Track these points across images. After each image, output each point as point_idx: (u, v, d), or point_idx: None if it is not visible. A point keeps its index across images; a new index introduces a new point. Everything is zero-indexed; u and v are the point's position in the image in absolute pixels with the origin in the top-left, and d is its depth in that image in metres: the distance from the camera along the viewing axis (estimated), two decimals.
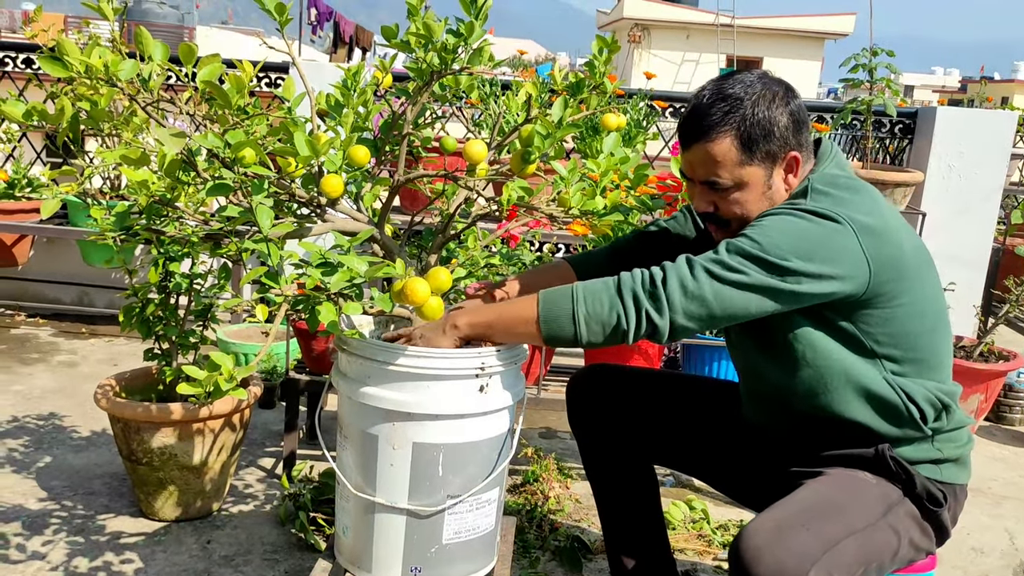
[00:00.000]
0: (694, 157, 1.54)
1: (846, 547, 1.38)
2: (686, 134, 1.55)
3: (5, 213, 3.77)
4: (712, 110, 1.51)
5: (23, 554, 2.15)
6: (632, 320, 1.45)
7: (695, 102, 1.55)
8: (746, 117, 1.49)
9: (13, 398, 3.16)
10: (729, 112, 1.49)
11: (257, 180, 1.52)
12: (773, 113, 1.50)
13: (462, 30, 1.62)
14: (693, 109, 1.54)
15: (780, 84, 1.55)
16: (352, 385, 1.66)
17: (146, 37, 1.54)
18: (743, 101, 1.50)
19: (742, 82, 1.52)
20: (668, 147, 3.92)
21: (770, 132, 1.50)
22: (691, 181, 1.59)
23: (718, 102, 1.51)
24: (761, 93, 1.51)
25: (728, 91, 1.51)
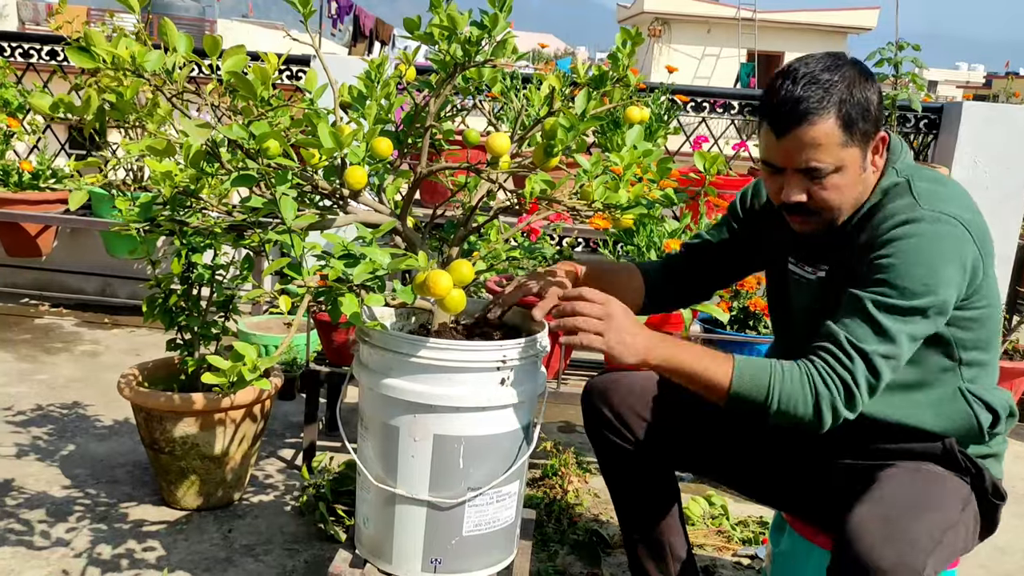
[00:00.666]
0: (791, 144, 1.48)
1: (947, 540, 1.40)
2: (782, 120, 1.47)
3: (30, 204, 3.81)
4: (808, 93, 1.45)
5: (47, 541, 2.17)
6: (828, 425, 1.45)
7: (786, 89, 1.47)
8: (844, 98, 1.45)
9: (37, 387, 3.20)
10: (827, 93, 1.45)
11: (281, 171, 1.52)
12: (867, 92, 1.47)
13: (486, 22, 1.61)
14: (785, 96, 1.47)
15: (862, 65, 1.52)
16: (374, 377, 1.67)
17: (171, 29, 1.55)
18: (837, 83, 1.46)
19: (827, 65, 1.48)
20: (689, 141, 3.90)
21: (867, 111, 1.47)
22: (779, 171, 1.53)
23: (810, 85, 1.45)
24: (852, 75, 1.47)
25: (819, 74, 1.46)
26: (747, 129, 4.62)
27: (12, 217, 3.83)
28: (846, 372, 1.43)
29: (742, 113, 3.99)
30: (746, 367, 1.47)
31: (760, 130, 1.53)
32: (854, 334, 1.43)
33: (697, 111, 4.05)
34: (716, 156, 1.90)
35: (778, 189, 1.55)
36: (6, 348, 3.60)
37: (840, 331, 1.44)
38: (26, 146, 4.29)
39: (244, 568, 2.12)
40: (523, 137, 1.85)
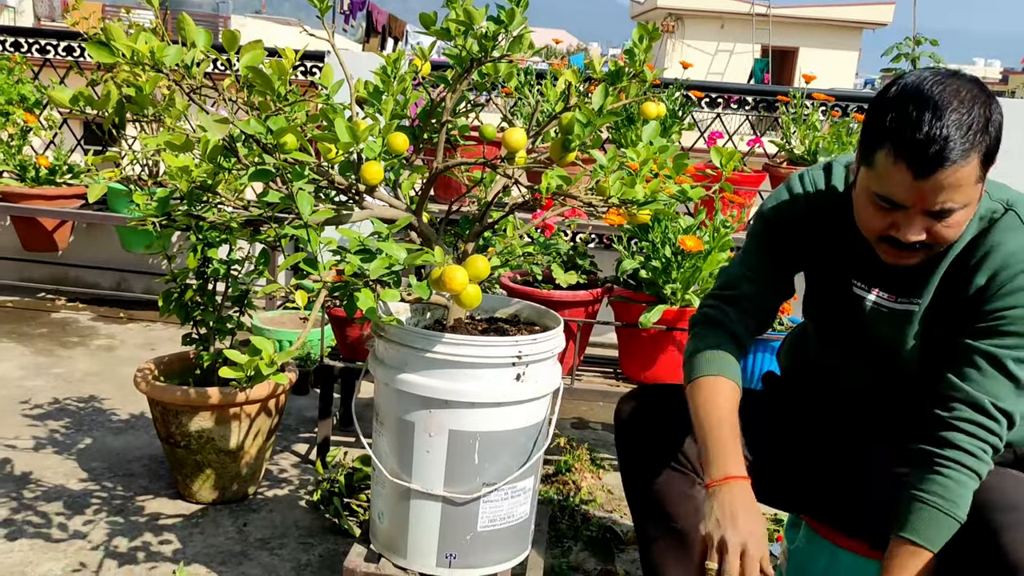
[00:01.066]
0: (931, 185, 1.28)
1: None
2: (927, 162, 1.27)
3: (46, 199, 3.83)
4: (957, 132, 1.26)
5: (64, 533, 2.19)
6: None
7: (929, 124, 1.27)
8: (988, 134, 1.29)
9: (54, 380, 3.22)
10: (973, 132, 1.27)
11: (298, 166, 1.52)
12: (997, 116, 1.31)
13: (503, 17, 1.61)
14: (932, 133, 1.27)
15: (975, 79, 1.35)
16: (389, 372, 1.67)
17: (189, 24, 1.55)
18: (981, 117, 1.28)
19: (968, 93, 1.30)
20: (704, 138, 3.89)
21: (999, 140, 1.32)
22: (898, 208, 1.34)
23: (960, 122, 1.27)
24: (987, 101, 1.30)
25: (965, 107, 1.28)
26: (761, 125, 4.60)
27: (29, 212, 3.86)
28: (995, 438, 1.38)
29: (757, 109, 3.97)
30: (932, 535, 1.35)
31: (880, 160, 1.31)
32: (998, 396, 1.37)
33: (711, 107, 4.04)
34: (732, 152, 1.90)
35: (887, 225, 1.36)
36: (23, 342, 3.62)
37: (982, 396, 1.37)
38: (43, 142, 4.31)
39: (259, 562, 2.13)
40: (538, 133, 1.85)
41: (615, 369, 2.73)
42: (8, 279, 4.42)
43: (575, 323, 2.48)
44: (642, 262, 2.48)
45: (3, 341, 3.62)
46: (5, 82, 3.89)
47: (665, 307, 2.41)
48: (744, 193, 3.26)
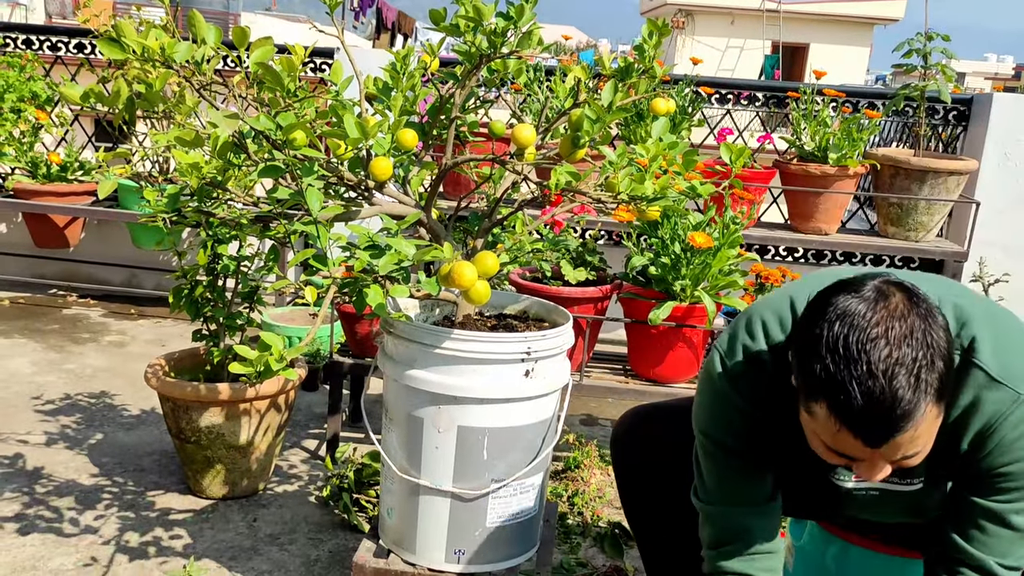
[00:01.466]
0: (889, 449, 1.16)
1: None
2: (875, 433, 1.14)
3: (58, 196, 3.85)
4: (900, 390, 1.11)
5: (76, 528, 2.20)
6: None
7: (866, 388, 1.12)
8: (936, 370, 1.13)
9: (66, 376, 3.24)
10: (918, 380, 1.12)
11: (307, 162, 1.53)
12: (943, 344, 1.15)
13: (512, 13, 1.61)
14: (871, 400, 1.12)
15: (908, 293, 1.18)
16: (398, 368, 1.67)
17: (199, 21, 1.56)
18: (921, 357, 1.13)
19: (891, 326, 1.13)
20: (714, 134, 3.88)
21: (951, 363, 1.17)
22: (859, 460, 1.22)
23: (896, 375, 1.11)
24: (924, 327, 1.14)
25: (898, 354, 1.12)
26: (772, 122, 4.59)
27: (40, 209, 3.88)
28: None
29: (767, 105, 3.96)
30: None
31: (821, 416, 1.18)
32: (1005, 554, 1.32)
33: (721, 103, 4.02)
34: (742, 148, 1.89)
35: (844, 463, 1.24)
36: (35, 338, 3.64)
37: (988, 559, 1.31)
38: (54, 139, 4.33)
39: (269, 557, 2.14)
40: (548, 129, 1.84)
41: (624, 366, 2.73)
42: (20, 276, 4.45)
43: (584, 320, 2.48)
44: (651, 259, 2.48)
45: (15, 337, 3.64)
46: (17, 79, 3.91)
47: (674, 304, 2.40)
48: (754, 190, 3.25)
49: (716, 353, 1.41)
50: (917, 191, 3.33)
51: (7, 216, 4.50)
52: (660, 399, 2.59)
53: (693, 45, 19.84)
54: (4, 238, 4.54)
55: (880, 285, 1.18)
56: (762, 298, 1.44)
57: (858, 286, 1.18)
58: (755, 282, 2.69)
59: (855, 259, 3.88)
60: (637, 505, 1.73)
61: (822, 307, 1.18)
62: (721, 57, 20.18)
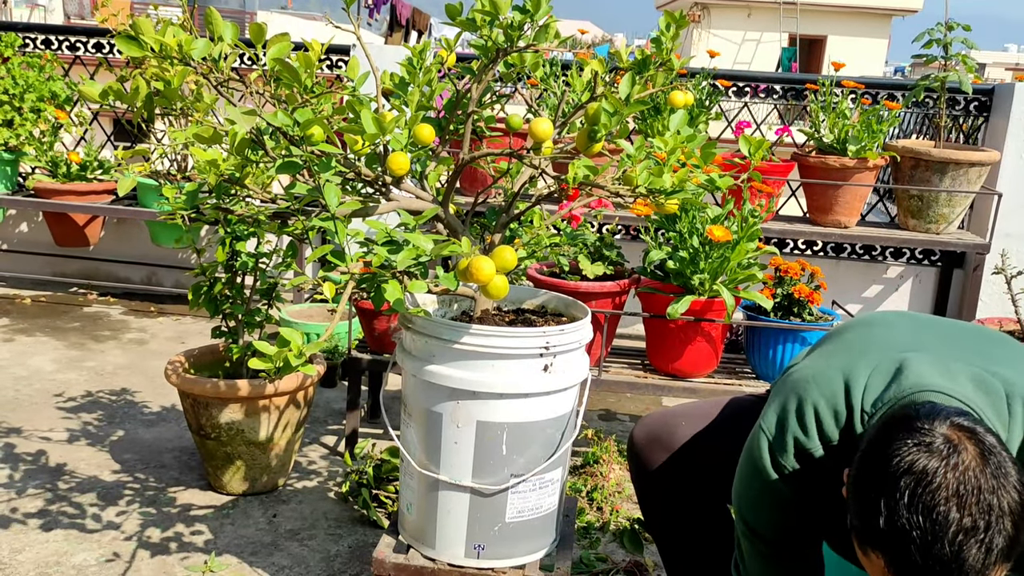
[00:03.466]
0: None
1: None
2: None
3: (78, 195, 3.88)
4: (966, 561, 1.05)
5: (98, 524, 2.22)
6: None
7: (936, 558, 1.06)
8: (1006, 534, 1.07)
9: (87, 374, 3.26)
10: (989, 550, 1.06)
11: (324, 158, 1.53)
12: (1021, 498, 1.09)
13: (528, 7, 1.60)
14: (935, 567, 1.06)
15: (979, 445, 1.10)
16: (417, 363, 1.67)
17: (216, 18, 1.56)
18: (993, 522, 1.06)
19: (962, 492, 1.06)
20: (731, 127, 3.85)
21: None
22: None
23: (967, 546, 1.05)
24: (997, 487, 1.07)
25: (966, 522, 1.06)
26: (789, 114, 4.55)
27: (61, 208, 3.91)
28: None
29: (785, 98, 3.93)
30: None
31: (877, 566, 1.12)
32: None
33: (739, 96, 4.00)
34: (761, 141, 1.88)
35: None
36: (56, 336, 3.68)
37: None
38: (73, 138, 4.37)
39: (289, 552, 2.15)
40: (564, 123, 1.83)
41: (643, 360, 2.72)
42: (41, 274, 4.49)
43: (602, 314, 2.47)
44: (669, 252, 2.47)
45: (37, 335, 3.67)
46: (36, 79, 3.95)
47: (693, 298, 2.39)
48: (772, 183, 3.22)
49: (764, 441, 1.35)
50: (938, 183, 3.30)
51: (28, 215, 4.55)
52: (679, 394, 2.60)
53: (709, 39, 19.74)
54: (25, 237, 4.58)
55: (951, 434, 1.10)
56: (812, 374, 1.34)
57: (927, 433, 1.10)
58: (774, 275, 2.68)
59: (875, 252, 3.85)
60: (656, 513, 1.74)
61: (886, 455, 1.10)
62: (738, 51, 20.06)
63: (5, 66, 3.93)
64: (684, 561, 1.74)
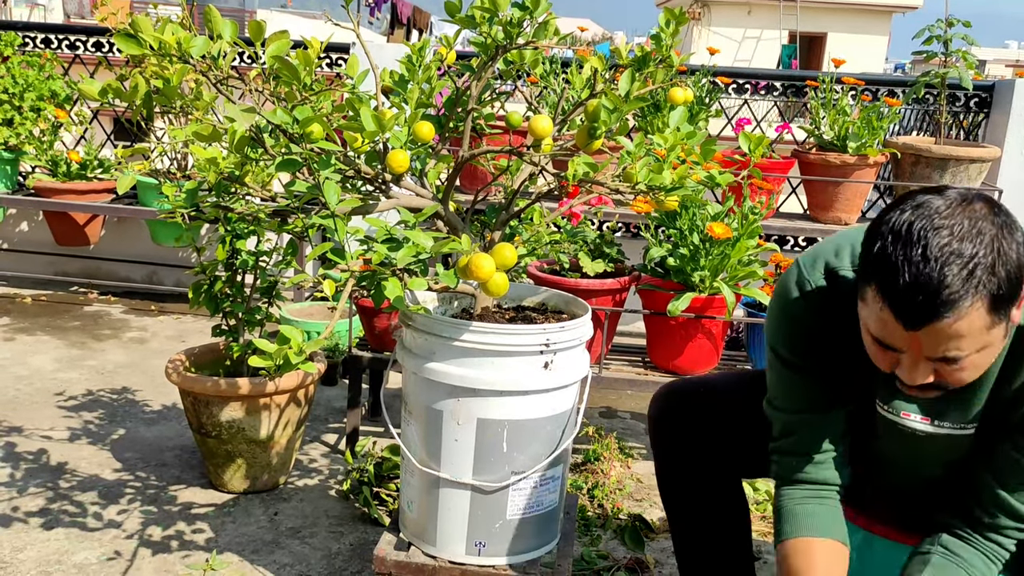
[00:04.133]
0: (926, 336, 1.16)
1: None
2: (914, 313, 1.14)
3: (78, 193, 3.88)
4: (948, 277, 1.11)
5: (100, 522, 2.22)
6: None
7: (915, 267, 1.12)
8: (996, 275, 1.12)
9: (88, 372, 3.26)
10: (971, 275, 1.11)
11: (324, 155, 1.53)
12: (1012, 253, 1.14)
13: (527, 3, 1.60)
14: (916, 279, 1.12)
15: (988, 204, 1.17)
16: (417, 361, 1.67)
17: (216, 16, 1.56)
18: (982, 256, 1.12)
19: (964, 228, 1.13)
20: (731, 125, 3.85)
21: (1018, 281, 1.15)
22: (902, 351, 1.21)
23: (950, 263, 1.11)
24: (993, 235, 1.13)
25: (955, 246, 1.12)
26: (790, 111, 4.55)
27: (61, 207, 3.91)
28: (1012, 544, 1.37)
29: (785, 95, 3.92)
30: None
31: (869, 298, 1.19)
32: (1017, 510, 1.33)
33: (739, 93, 3.99)
34: (761, 137, 1.88)
35: (892, 363, 1.24)
36: (57, 335, 3.68)
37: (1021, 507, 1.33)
38: (73, 137, 4.37)
39: (290, 550, 2.15)
40: (564, 120, 1.83)
41: (643, 358, 2.72)
42: (42, 273, 4.49)
43: (602, 311, 2.47)
44: (670, 250, 2.47)
45: (38, 334, 3.67)
46: (36, 78, 3.95)
47: (693, 295, 2.39)
48: (772, 180, 3.22)
49: (796, 268, 1.41)
50: (938, 179, 3.29)
51: (28, 214, 4.55)
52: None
53: (709, 36, 19.72)
54: (26, 236, 4.59)
55: (967, 193, 1.17)
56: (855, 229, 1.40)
57: (944, 189, 1.19)
58: (775, 272, 2.67)
59: None
60: (674, 486, 1.69)
61: (901, 200, 1.20)
62: (738, 48, 20.04)
63: (5, 65, 3.92)
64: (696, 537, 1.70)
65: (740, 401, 1.62)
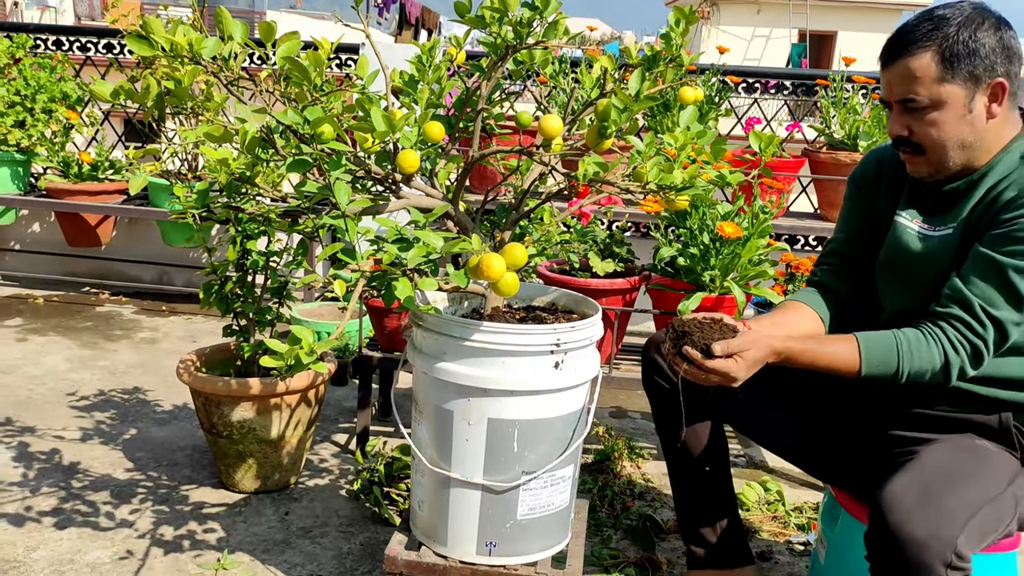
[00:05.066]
0: (892, 75, 1.51)
1: (985, 515, 1.38)
2: (888, 51, 1.52)
3: (89, 195, 3.90)
4: (916, 28, 1.48)
5: (112, 522, 2.23)
6: (953, 382, 1.51)
7: (902, 25, 1.53)
8: (949, 35, 1.45)
9: (100, 373, 3.28)
10: (933, 29, 1.46)
11: (335, 156, 1.53)
12: (980, 34, 1.45)
13: (537, 3, 1.60)
14: (899, 30, 1.53)
15: (992, 13, 1.50)
16: (427, 361, 1.67)
17: (226, 17, 1.56)
18: (949, 20, 1.46)
19: (953, 6, 1.50)
20: (741, 124, 3.84)
21: (974, 52, 1.45)
22: (888, 106, 1.55)
23: (924, 21, 1.49)
24: (969, 15, 1.47)
25: (936, 12, 1.49)
26: (800, 110, 4.54)
27: (72, 208, 3.93)
28: (978, 339, 1.46)
29: (795, 93, 3.91)
30: (872, 350, 1.50)
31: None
32: (989, 301, 1.46)
33: (749, 92, 3.98)
34: (771, 136, 1.87)
35: (891, 125, 1.56)
36: (69, 335, 3.70)
37: (974, 298, 1.46)
38: (84, 138, 4.39)
39: (301, 550, 2.15)
40: (574, 120, 1.83)
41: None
42: (54, 274, 4.52)
43: (613, 311, 2.46)
44: (680, 249, 2.46)
45: (50, 335, 3.69)
46: (48, 80, 3.97)
47: (704, 294, 2.38)
48: (783, 179, 3.21)
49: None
50: None
51: (40, 215, 4.57)
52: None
53: (718, 35, 19.67)
54: (37, 237, 4.61)
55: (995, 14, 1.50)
56: None
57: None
58: (785, 272, 2.67)
59: None
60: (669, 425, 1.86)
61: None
62: (747, 47, 19.99)
63: (17, 67, 3.95)
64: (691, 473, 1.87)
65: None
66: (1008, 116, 1.52)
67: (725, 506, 1.89)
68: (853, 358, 1.51)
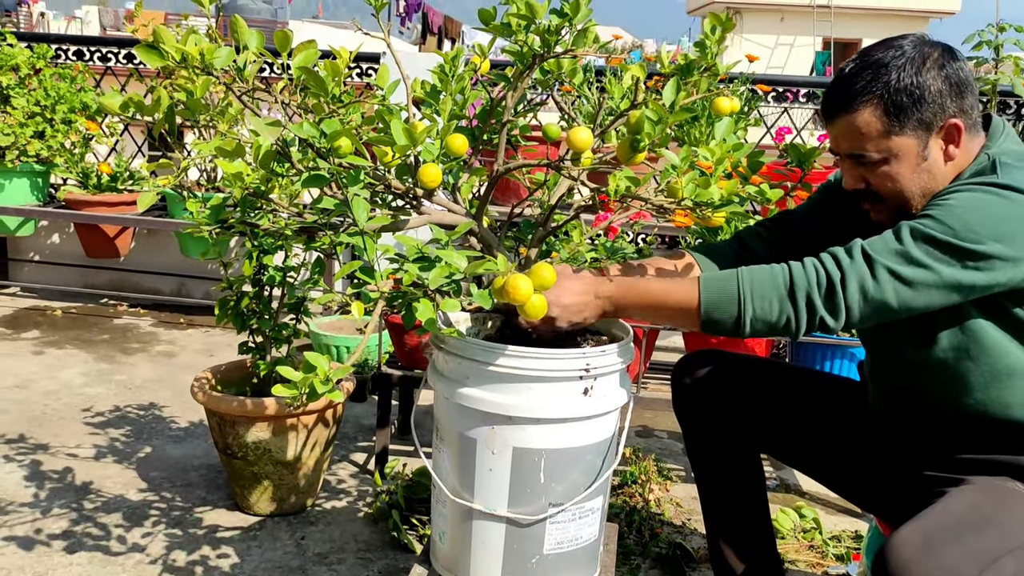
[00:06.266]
0: (837, 130, 1.44)
1: (1004, 565, 1.24)
2: (827, 106, 1.45)
3: (108, 206, 3.86)
4: (855, 79, 1.40)
5: (123, 546, 2.16)
6: (804, 324, 1.37)
7: (839, 73, 1.44)
8: (890, 83, 1.37)
9: (115, 387, 3.22)
10: (873, 79, 1.38)
11: (353, 171, 1.45)
12: (923, 78, 1.37)
13: (566, 10, 1.52)
14: (835, 80, 1.44)
15: (935, 46, 1.41)
16: (449, 385, 1.59)
17: (241, 25, 1.50)
18: (888, 67, 1.38)
19: (890, 46, 1.41)
20: (771, 133, 3.74)
21: (920, 99, 1.37)
22: (838, 156, 1.49)
23: (862, 70, 1.39)
24: (910, 57, 1.38)
25: (873, 57, 1.40)
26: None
27: (91, 219, 3.89)
28: (835, 267, 1.35)
29: None
30: (711, 279, 1.43)
31: None
32: (872, 244, 1.35)
33: (778, 101, 3.88)
34: (812, 149, 1.77)
35: (842, 173, 1.51)
36: (86, 348, 3.65)
37: (858, 240, 1.37)
38: (104, 149, 4.36)
39: None
40: (603, 132, 1.75)
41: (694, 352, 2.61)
42: (71, 286, 4.49)
43: (641, 329, 2.37)
44: None
45: (67, 347, 3.65)
46: (68, 91, 3.94)
47: None
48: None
49: None
50: None
51: (59, 227, 4.55)
52: None
53: (742, 43, 19.53)
54: (56, 248, 4.59)
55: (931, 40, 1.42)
56: None
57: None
58: None
59: None
60: (702, 454, 1.79)
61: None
62: (771, 55, 19.83)
63: (37, 77, 3.92)
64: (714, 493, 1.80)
65: (765, 374, 1.77)
66: (967, 147, 1.42)
67: (760, 538, 1.79)
68: (691, 290, 1.42)
